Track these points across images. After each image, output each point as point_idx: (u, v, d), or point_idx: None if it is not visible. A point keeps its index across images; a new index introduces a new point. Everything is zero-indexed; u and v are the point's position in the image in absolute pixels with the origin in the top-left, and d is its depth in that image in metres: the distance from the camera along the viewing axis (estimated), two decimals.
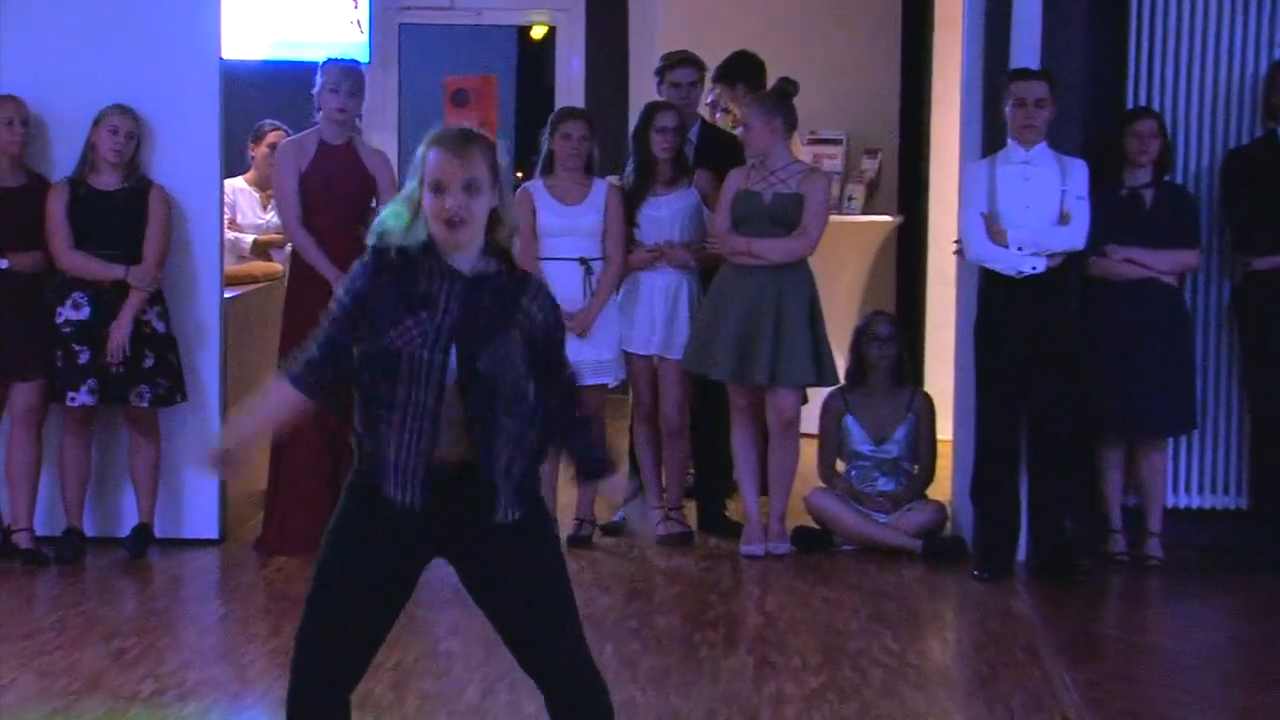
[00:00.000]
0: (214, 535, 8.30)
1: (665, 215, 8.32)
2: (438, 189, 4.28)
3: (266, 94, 10.92)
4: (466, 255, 4.32)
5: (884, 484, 8.38)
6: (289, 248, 8.72)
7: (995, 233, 7.74)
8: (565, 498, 8.36)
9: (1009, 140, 7.83)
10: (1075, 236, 7.71)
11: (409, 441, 4.28)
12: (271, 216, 9.64)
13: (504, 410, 4.27)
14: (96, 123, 7.87)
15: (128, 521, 8.16)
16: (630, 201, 8.33)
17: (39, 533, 7.97)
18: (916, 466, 8.44)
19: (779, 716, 5.97)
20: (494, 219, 4.34)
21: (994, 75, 8.10)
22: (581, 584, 7.72)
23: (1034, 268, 7.66)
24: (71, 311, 7.84)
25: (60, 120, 8.05)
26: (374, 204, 8.24)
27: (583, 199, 8.24)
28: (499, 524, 4.33)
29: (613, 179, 8.56)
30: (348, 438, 8.14)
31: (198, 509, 8.29)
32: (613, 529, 8.50)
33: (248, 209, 9.87)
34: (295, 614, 7.00)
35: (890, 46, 11.57)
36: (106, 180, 7.91)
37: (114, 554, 8.00)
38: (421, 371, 4.26)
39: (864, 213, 11.12)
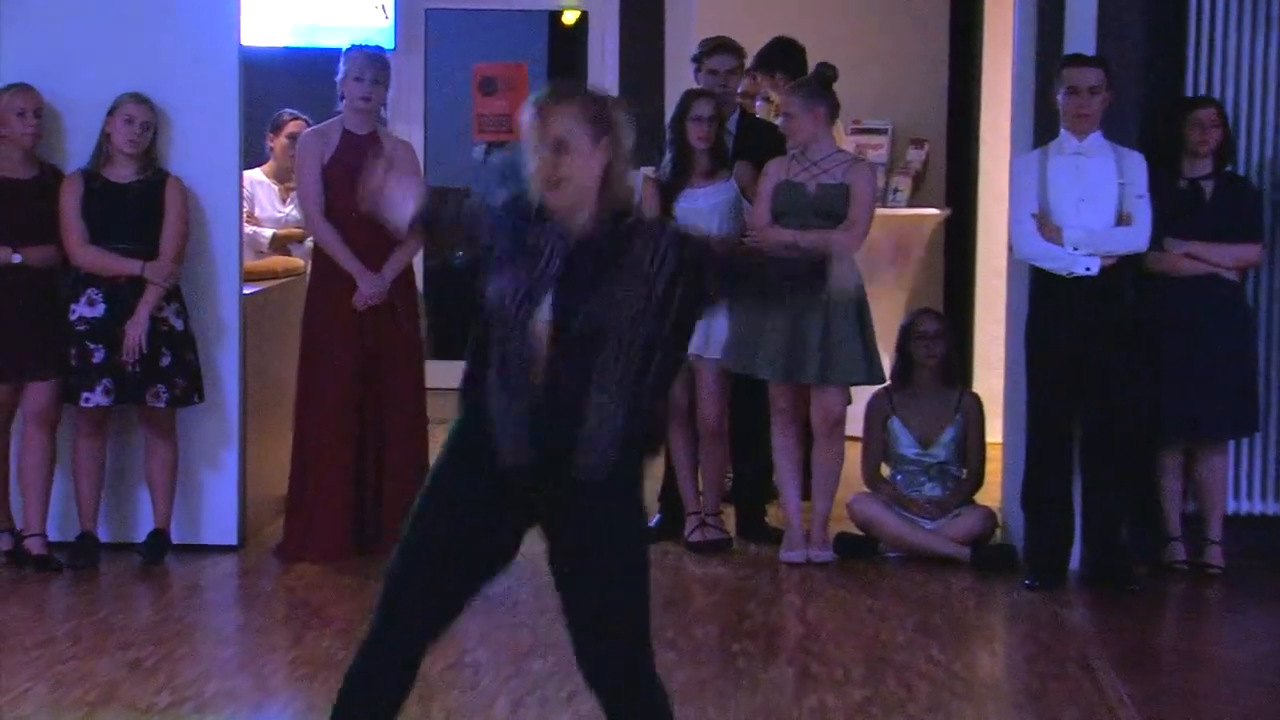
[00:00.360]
0: (233, 541, 8.31)
1: (703, 208, 8.30)
2: (532, 151, 4.31)
3: (286, 82, 10.95)
4: (579, 218, 4.36)
5: (930, 489, 8.35)
6: (309, 242, 8.74)
7: (1049, 230, 7.68)
8: None
9: (1062, 130, 7.79)
10: (1137, 238, 7.68)
11: (508, 393, 4.33)
12: (291, 210, 9.66)
13: (604, 367, 4.29)
14: (111, 112, 7.88)
15: (144, 526, 8.17)
16: (667, 194, 8.32)
17: (52, 538, 7.98)
18: (964, 470, 8.42)
19: None
20: (609, 177, 4.38)
21: (1047, 62, 8.07)
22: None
23: (1088, 269, 7.62)
24: (86, 308, 7.86)
25: (74, 110, 8.07)
26: None
27: None
28: (589, 482, 4.33)
29: (646, 171, 8.55)
30: (372, 441, 8.24)
31: (216, 514, 8.31)
32: (647, 535, 8.47)
33: (266, 202, 9.88)
34: (318, 623, 7.11)
35: (939, 32, 11.54)
36: (122, 172, 7.93)
37: (129, 560, 8.02)
38: (518, 324, 4.32)
39: (910, 205, 11.09)
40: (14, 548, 7.95)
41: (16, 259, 7.82)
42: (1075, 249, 7.64)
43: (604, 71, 12.97)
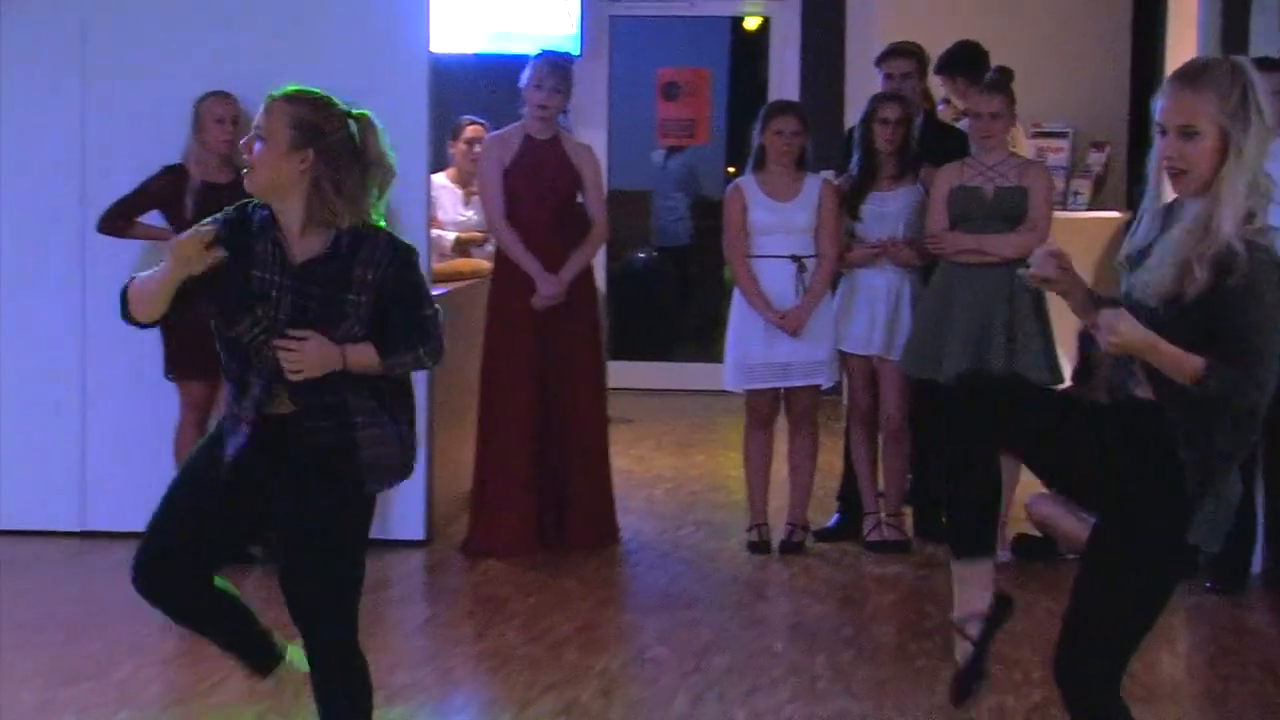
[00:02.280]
0: (420, 536, 8.38)
1: (891, 211, 8.24)
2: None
3: (473, 88, 11.02)
4: (292, 224, 4.68)
5: None
6: (490, 245, 8.78)
7: None
8: (777, 502, 8.35)
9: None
10: None
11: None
12: (472, 213, 9.73)
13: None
14: None
15: None
16: (854, 197, 8.26)
17: None
18: None
19: None
20: (317, 185, 4.66)
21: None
22: (794, 591, 7.73)
23: None
24: None
25: None
26: (579, 199, 8.29)
27: (795, 195, 8.19)
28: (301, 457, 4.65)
29: (827, 174, 8.52)
30: (554, 439, 8.26)
31: (404, 510, 8.34)
32: (827, 535, 8.46)
33: (449, 205, 9.97)
34: (502, 617, 7.14)
35: (1120, 35, 11.40)
36: None
37: None
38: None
39: (1090, 209, 10.97)
40: None
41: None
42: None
43: (785, 76, 12.95)
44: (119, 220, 7.92)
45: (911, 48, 8.84)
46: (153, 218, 7.97)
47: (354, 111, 4.92)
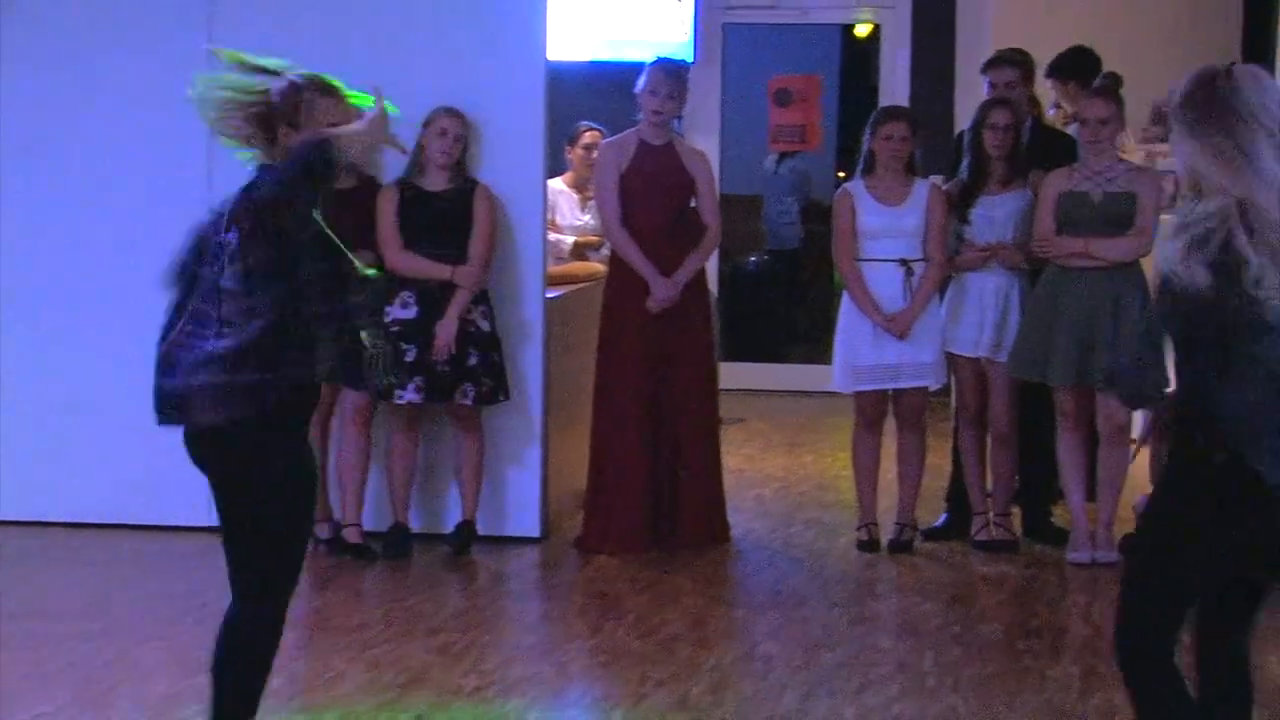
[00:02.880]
0: (536, 533, 8.40)
1: (1000, 215, 8.21)
2: None
3: (589, 94, 11.05)
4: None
5: None
6: (606, 248, 8.81)
7: None
8: (885, 501, 8.35)
9: None
10: None
11: None
12: (589, 218, 9.75)
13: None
14: (426, 125, 7.99)
15: (452, 518, 8.30)
16: (963, 201, 8.24)
17: (367, 527, 8.14)
18: None
19: None
20: None
21: None
22: (902, 589, 7.73)
23: None
24: (400, 310, 7.99)
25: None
26: (693, 204, 8.31)
27: (904, 199, 8.19)
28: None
29: (935, 179, 8.51)
30: (666, 439, 8.27)
31: (520, 507, 8.41)
32: (935, 534, 8.45)
33: (567, 210, 9.99)
34: (615, 613, 7.18)
35: (1230, 44, 11.29)
36: (434, 181, 8.05)
37: (438, 550, 8.15)
38: None
39: None
40: (333, 537, 8.11)
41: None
42: None
43: (895, 82, 12.91)
44: None
45: (1016, 56, 8.79)
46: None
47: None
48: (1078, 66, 9.33)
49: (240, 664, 5.01)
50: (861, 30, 13.93)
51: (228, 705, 4.96)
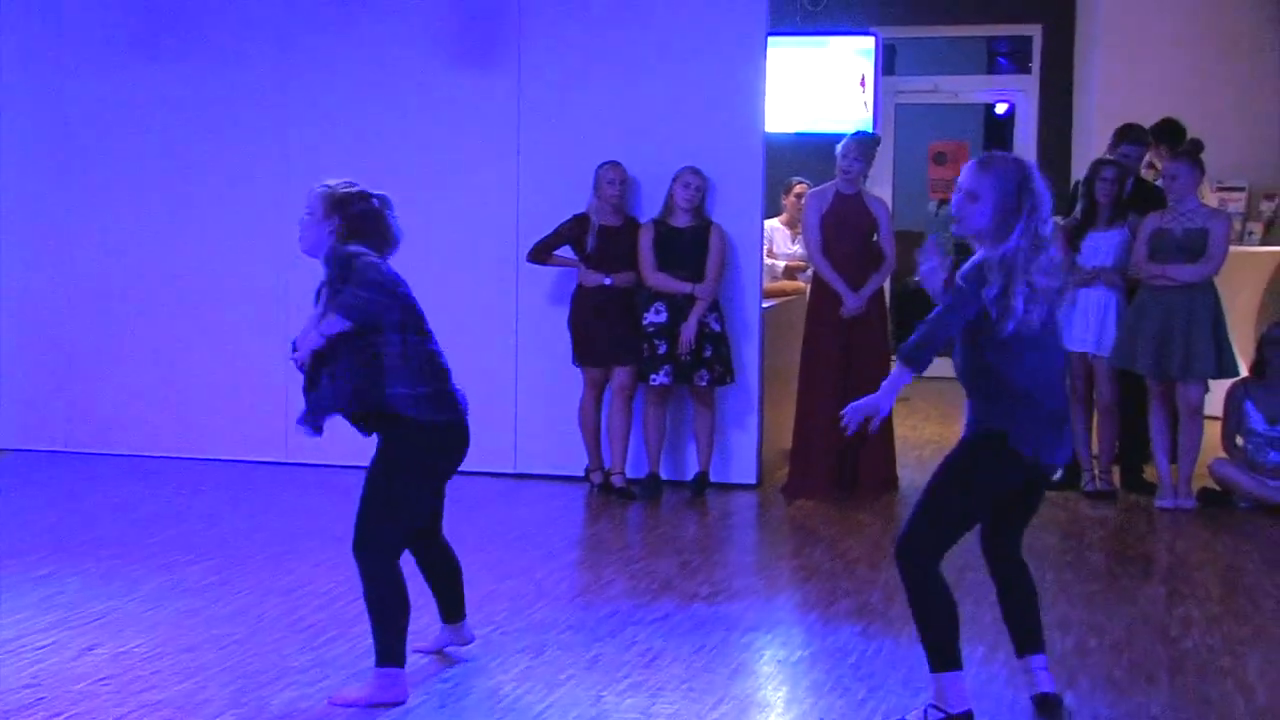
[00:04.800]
0: (753, 481, 8.37)
1: (1104, 247, 8.03)
2: None
3: (795, 156, 11.02)
4: None
5: (1275, 456, 7.89)
6: (810, 271, 8.76)
7: None
8: None
9: None
10: None
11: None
12: (798, 248, 9.72)
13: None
14: (675, 179, 8.03)
15: (690, 469, 8.32)
16: (1076, 235, 8.09)
17: (630, 475, 8.18)
18: None
19: (1186, 634, 5.71)
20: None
21: None
22: (1029, 525, 7.56)
23: None
24: (654, 316, 8.03)
25: (647, 177, 8.26)
26: (875, 238, 8.23)
27: None
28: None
29: (1056, 219, 8.31)
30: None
31: (741, 461, 8.39)
32: (1053, 485, 8.25)
33: (781, 242, 9.98)
34: (811, 541, 7.13)
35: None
36: (681, 221, 8.07)
37: (681, 493, 8.17)
38: None
39: (1262, 244, 10.52)
40: (604, 481, 8.15)
41: (608, 281, 8.05)
42: None
43: (1025, 147, 12.70)
44: (542, 253, 8.10)
45: (1135, 134, 8.61)
46: (564, 253, 8.13)
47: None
48: (1166, 133, 9.10)
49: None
50: (1000, 107, 13.74)
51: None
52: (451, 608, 5.27)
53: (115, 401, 9.04)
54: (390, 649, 4.76)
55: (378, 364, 4.73)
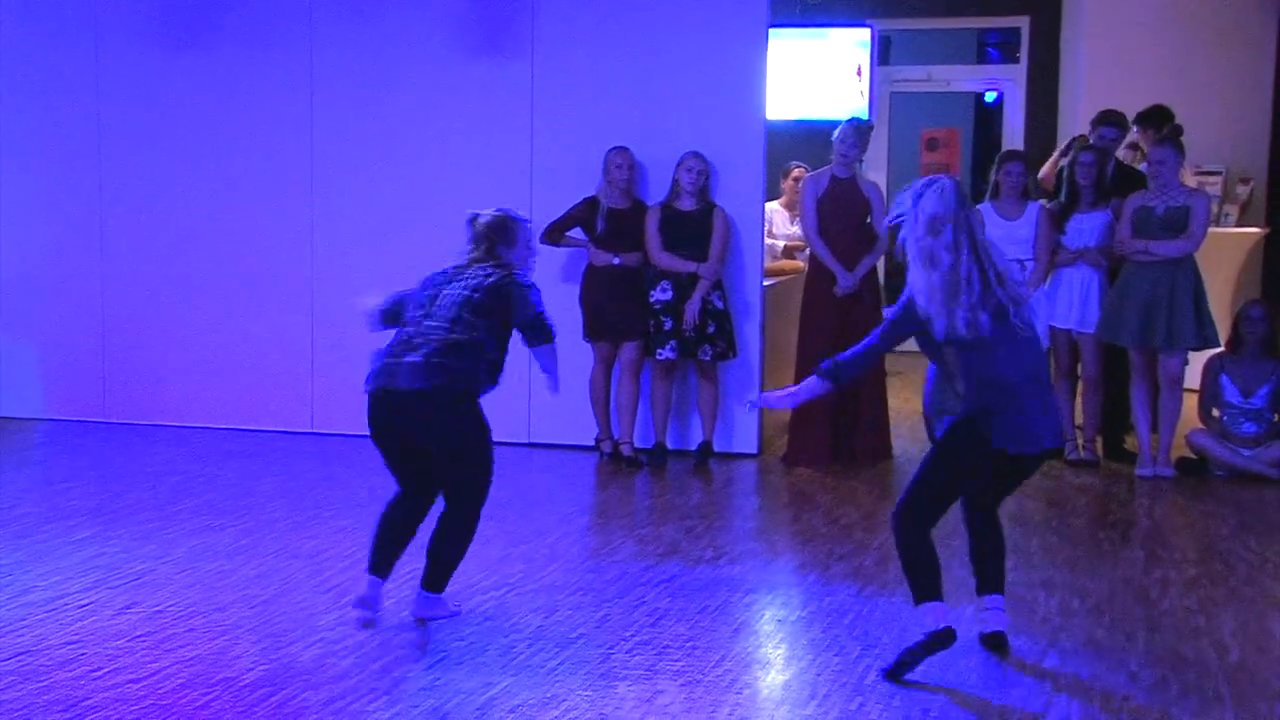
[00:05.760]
0: (754, 451, 8.38)
1: (1087, 229, 8.02)
2: None
3: (794, 142, 10.99)
4: None
5: (1248, 428, 7.90)
6: (808, 251, 8.75)
7: None
8: None
9: None
10: None
11: None
12: (796, 229, 9.70)
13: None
14: (679, 164, 8.02)
15: (695, 439, 8.31)
16: (1061, 217, 8.07)
17: (637, 445, 8.19)
18: (1276, 415, 7.93)
19: (1164, 594, 5.72)
20: None
21: None
22: (1017, 492, 7.56)
23: None
24: (660, 294, 8.02)
25: (655, 162, 8.25)
26: (868, 220, 8.21)
27: (1019, 215, 8.02)
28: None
29: (1043, 202, 8.31)
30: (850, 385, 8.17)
31: (743, 431, 8.39)
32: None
33: (780, 223, 9.96)
34: (809, 507, 7.14)
35: (1264, 96, 10.89)
36: (685, 204, 8.05)
37: (687, 461, 8.17)
38: None
39: (1237, 226, 10.50)
40: (613, 451, 8.16)
41: (617, 261, 8.05)
42: None
43: (1013, 134, 12.70)
44: (554, 234, 8.09)
45: (1114, 118, 8.57)
46: (574, 234, 8.13)
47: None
48: (1152, 118, 9.08)
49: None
50: (989, 96, 13.71)
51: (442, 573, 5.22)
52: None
53: (150, 374, 9.07)
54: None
55: None
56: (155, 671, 4.70)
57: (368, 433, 5.17)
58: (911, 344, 4.92)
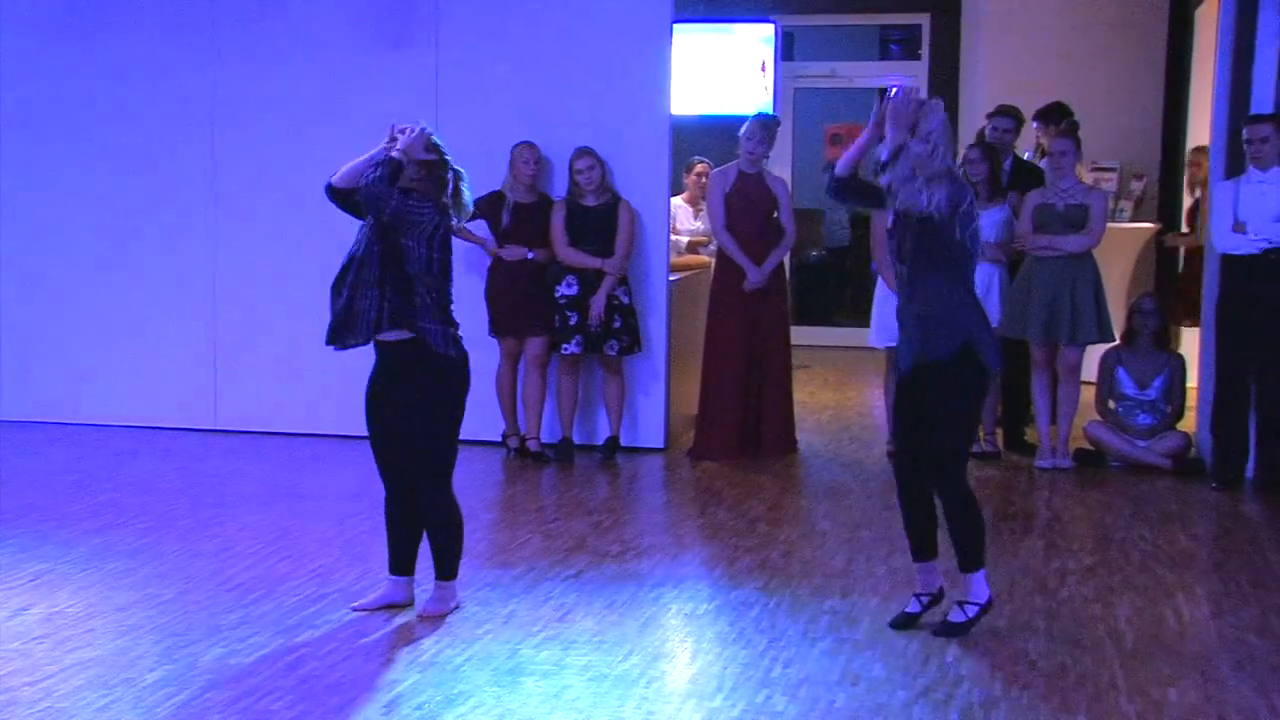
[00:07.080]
0: (660, 445, 8.38)
1: (985, 225, 8.07)
2: None
3: (699, 137, 11.03)
4: None
5: (1143, 419, 8.05)
6: (713, 245, 8.78)
7: (1238, 229, 7.38)
8: None
9: (1248, 165, 7.43)
10: None
11: None
12: (700, 224, 9.73)
13: None
14: (570, 164, 7.98)
15: (602, 434, 8.30)
16: None
17: (544, 440, 8.17)
18: (1169, 407, 8.09)
19: (1062, 584, 5.82)
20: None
21: (1237, 116, 7.69)
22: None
23: (1269, 241, 7.25)
24: (566, 289, 8.01)
25: (560, 156, 8.19)
26: (776, 215, 8.25)
27: None
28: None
29: None
30: (755, 378, 8.20)
31: (649, 426, 8.40)
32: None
33: (684, 219, 9.97)
34: (716, 501, 7.16)
35: (1156, 96, 11.11)
36: (589, 199, 8.05)
37: (593, 456, 8.17)
38: None
39: (1131, 221, 10.70)
40: (519, 446, 8.14)
41: (530, 255, 8.01)
42: (1253, 237, 7.31)
43: None
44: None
45: (1010, 110, 8.68)
46: (479, 228, 8.08)
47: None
48: (1051, 114, 9.22)
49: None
50: (892, 91, 13.80)
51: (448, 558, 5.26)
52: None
53: (46, 370, 8.90)
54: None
55: None
56: (53, 674, 4.61)
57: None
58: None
